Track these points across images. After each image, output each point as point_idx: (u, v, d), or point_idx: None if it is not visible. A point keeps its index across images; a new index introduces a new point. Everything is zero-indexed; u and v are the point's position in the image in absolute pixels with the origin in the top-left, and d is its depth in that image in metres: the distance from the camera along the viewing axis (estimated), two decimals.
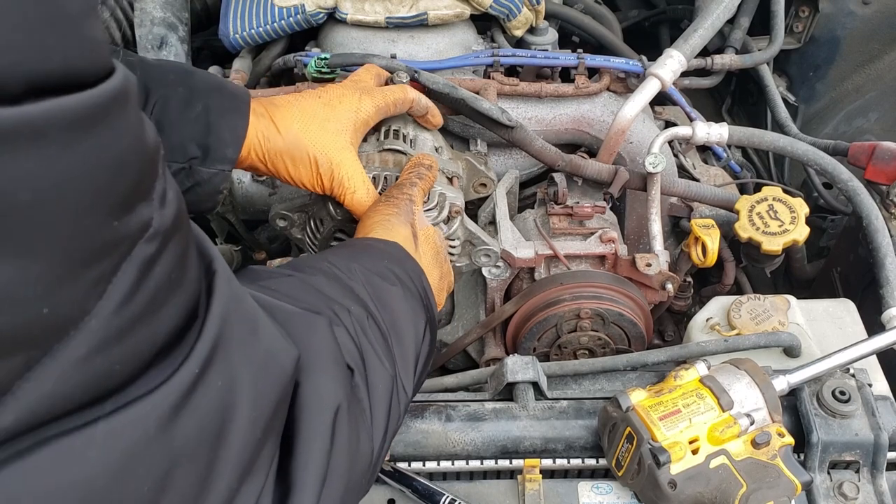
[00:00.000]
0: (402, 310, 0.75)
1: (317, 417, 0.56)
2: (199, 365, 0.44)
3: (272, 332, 0.54)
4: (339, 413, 0.58)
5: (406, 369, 0.72)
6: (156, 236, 0.41)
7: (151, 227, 0.41)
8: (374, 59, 1.14)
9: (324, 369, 0.59)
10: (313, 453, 0.55)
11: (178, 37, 1.21)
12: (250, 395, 0.49)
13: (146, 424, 0.41)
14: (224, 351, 0.47)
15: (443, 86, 1.10)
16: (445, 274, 0.96)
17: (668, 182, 1.17)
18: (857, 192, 1.11)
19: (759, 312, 0.99)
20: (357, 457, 0.61)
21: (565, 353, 1.11)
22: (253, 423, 0.49)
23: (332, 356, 0.62)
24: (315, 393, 0.57)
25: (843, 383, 0.84)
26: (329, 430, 0.57)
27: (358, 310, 0.69)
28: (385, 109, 1.03)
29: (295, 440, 0.55)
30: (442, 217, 1.01)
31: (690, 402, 0.79)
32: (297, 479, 0.53)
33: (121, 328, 0.39)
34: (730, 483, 0.76)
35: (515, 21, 1.29)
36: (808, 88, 1.64)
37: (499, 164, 1.27)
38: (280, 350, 0.54)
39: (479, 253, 1.05)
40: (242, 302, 0.52)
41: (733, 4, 1.27)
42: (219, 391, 0.46)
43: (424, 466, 0.86)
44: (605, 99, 1.27)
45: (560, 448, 0.86)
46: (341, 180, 0.97)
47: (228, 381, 0.47)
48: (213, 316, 0.47)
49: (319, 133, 0.97)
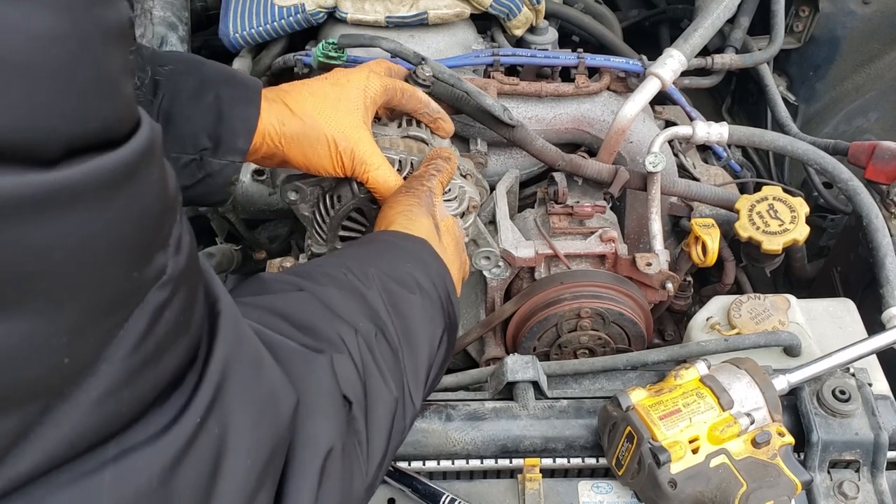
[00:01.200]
0: (418, 319, 0.73)
1: (307, 462, 0.55)
2: (201, 413, 0.44)
3: (275, 373, 0.53)
4: (330, 455, 0.57)
5: (416, 380, 0.70)
6: (169, 282, 0.41)
7: (165, 275, 0.41)
8: (383, 41, 1.13)
9: (320, 411, 0.58)
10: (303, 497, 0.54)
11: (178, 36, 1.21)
12: (247, 442, 0.48)
13: (150, 472, 0.41)
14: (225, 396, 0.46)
15: (448, 76, 1.09)
16: (463, 263, 0.95)
17: (668, 181, 1.17)
18: (857, 191, 1.11)
19: (759, 312, 0.99)
20: (350, 496, 0.60)
21: (565, 353, 1.11)
22: (248, 471, 0.48)
23: (329, 396, 0.60)
24: (309, 436, 0.56)
25: (844, 383, 0.84)
26: (317, 475, 0.55)
27: (367, 326, 0.68)
28: (392, 91, 1.01)
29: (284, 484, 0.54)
30: (460, 210, 1.00)
31: (690, 401, 0.79)
32: None
33: (131, 371, 0.40)
34: (730, 482, 0.76)
35: (515, 20, 1.29)
36: (808, 88, 1.64)
37: (499, 164, 1.27)
38: (281, 393, 0.53)
39: (480, 255, 1.05)
40: (246, 342, 0.51)
41: (733, 4, 1.27)
42: (216, 438, 0.45)
43: (424, 466, 0.86)
44: (605, 98, 1.27)
45: (560, 447, 0.86)
46: (363, 158, 0.95)
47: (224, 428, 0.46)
48: (215, 361, 0.46)
49: (333, 113, 0.95)
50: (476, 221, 1.03)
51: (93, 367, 0.38)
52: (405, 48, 1.11)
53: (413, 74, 1.07)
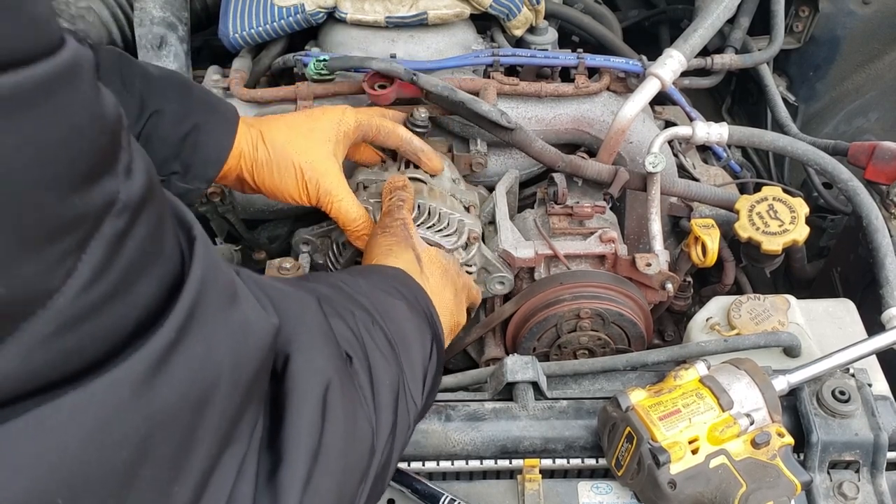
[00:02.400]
0: (408, 323, 0.76)
1: (306, 389, 0.56)
2: (175, 330, 0.44)
3: (250, 301, 0.54)
4: (330, 388, 0.58)
5: (414, 379, 0.72)
6: (125, 210, 0.40)
7: (119, 202, 0.40)
8: (374, 61, 1.14)
9: (314, 345, 0.59)
10: (303, 425, 0.55)
11: (177, 36, 1.21)
12: (230, 361, 0.49)
13: (119, 391, 0.40)
14: (201, 316, 0.46)
15: (441, 88, 1.10)
16: (461, 289, 0.98)
17: (667, 182, 1.17)
18: (857, 191, 1.11)
19: (759, 312, 0.99)
20: (355, 437, 0.61)
21: (565, 353, 1.11)
22: (232, 390, 0.49)
23: (322, 334, 0.62)
24: (305, 367, 0.57)
25: (843, 383, 0.84)
26: (319, 403, 0.57)
27: (363, 315, 0.70)
28: (367, 127, 1.06)
29: (285, 412, 0.55)
30: (461, 242, 1.04)
31: (690, 401, 0.79)
32: (287, 448, 0.53)
33: (92, 305, 0.39)
34: (729, 483, 0.76)
35: (515, 21, 1.29)
36: (808, 88, 1.64)
37: (499, 164, 1.27)
38: (258, 319, 0.54)
39: (494, 280, 1.08)
40: (219, 269, 0.51)
41: (733, 4, 1.27)
42: (198, 357, 0.45)
43: (424, 466, 0.86)
44: (605, 99, 1.27)
45: (560, 448, 0.86)
46: (328, 189, 1.00)
47: (206, 349, 0.46)
48: (190, 282, 0.46)
49: (304, 144, 0.99)
50: (481, 250, 1.07)
51: (45, 300, 0.37)
52: (396, 67, 1.12)
53: (409, 117, 1.12)
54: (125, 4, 1.28)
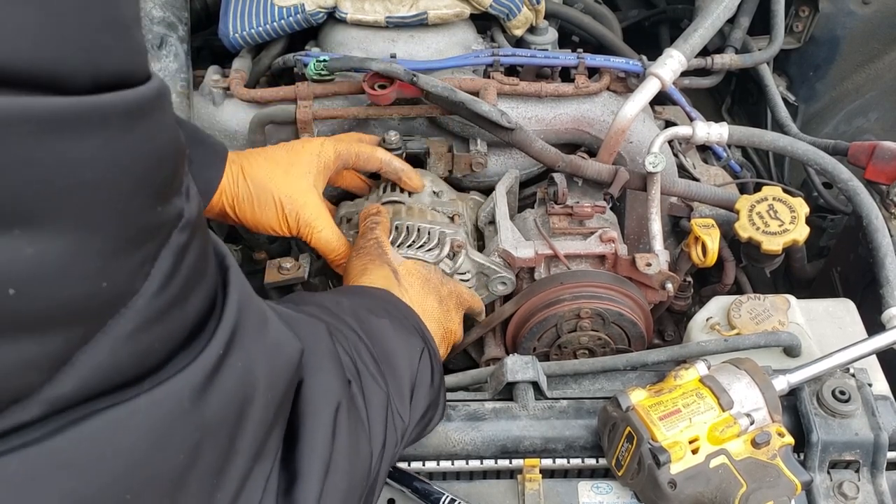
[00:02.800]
0: (392, 340, 0.77)
1: (320, 411, 0.59)
2: (222, 346, 0.48)
3: (279, 325, 0.58)
4: (339, 410, 0.61)
5: (400, 396, 0.74)
6: (187, 226, 0.45)
7: (184, 218, 0.45)
8: (373, 62, 1.14)
9: (326, 368, 0.63)
10: (317, 445, 0.58)
11: (177, 36, 1.21)
12: (265, 378, 0.52)
13: (181, 397, 0.44)
14: (242, 336, 0.50)
15: (441, 89, 1.10)
16: (447, 297, 1.00)
17: (668, 182, 1.17)
18: (857, 191, 1.11)
19: (759, 312, 0.99)
20: (358, 457, 0.63)
21: (565, 353, 1.11)
22: (266, 407, 0.52)
23: (333, 358, 0.65)
24: (319, 389, 0.60)
25: (843, 383, 0.84)
26: (331, 424, 0.60)
27: (351, 335, 0.73)
28: (346, 155, 1.09)
29: (300, 432, 0.58)
30: (445, 254, 1.05)
31: (690, 401, 0.79)
32: (302, 467, 0.56)
33: (160, 309, 0.43)
34: (730, 483, 0.76)
35: (515, 20, 1.29)
36: (808, 88, 1.64)
37: (499, 164, 1.27)
38: (287, 342, 0.58)
39: (496, 282, 1.09)
40: (252, 296, 0.55)
41: (733, 4, 1.27)
42: (240, 372, 0.49)
43: (424, 466, 0.85)
44: (605, 99, 1.27)
45: (560, 448, 0.85)
46: (307, 220, 1.03)
47: (247, 364, 0.50)
48: (230, 304, 0.50)
49: (284, 177, 1.03)
50: (470, 255, 1.07)
51: (128, 299, 0.40)
52: (395, 67, 1.12)
53: (382, 142, 1.16)
54: None
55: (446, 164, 1.24)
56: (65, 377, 0.38)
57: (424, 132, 1.27)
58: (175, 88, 1.18)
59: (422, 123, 1.26)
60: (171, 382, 0.44)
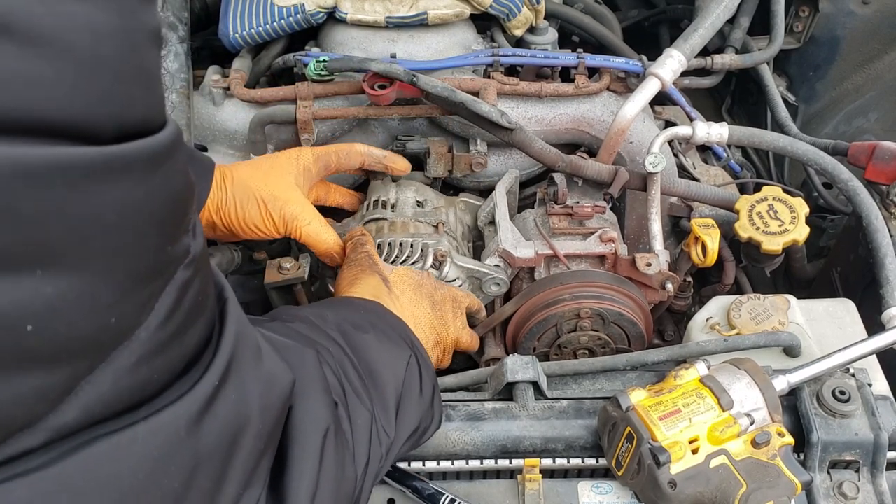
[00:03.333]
0: (376, 354, 0.78)
1: (308, 438, 0.61)
2: (218, 377, 0.49)
3: (272, 356, 0.59)
4: (327, 436, 0.62)
5: (385, 411, 0.75)
6: (192, 263, 0.47)
7: (190, 255, 0.47)
8: (373, 62, 1.14)
9: (314, 395, 0.64)
10: (305, 470, 0.59)
11: (177, 36, 1.21)
12: (259, 408, 0.54)
13: (178, 426, 0.46)
14: (237, 367, 0.52)
15: (441, 89, 1.10)
16: (441, 301, 1.01)
17: (668, 182, 1.17)
18: (857, 191, 1.11)
19: (759, 312, 0.99)
20: (343, 481, 0.65)
21: (565, 353, 1.11)
22: (259, 435, 0.54)
23: (320, 384, 0.66)
24: (307, 415, 0.62)
25: (843, 383, 0.84)
26: (318, 450, 0.61)
27: (336, 350, 0.74)
28: (326, 156, 1.11)
29: (287, 458, 0.59)
30: (429, 265, 1.06)
31: (690, 401, 0.79)
32: (290, 493, 0.58)
33: (162, 342, 0.44)
34: (730, 483, 0.76)
35: (515, 21, 1.29)
36: (808, 88, 1.64)
37: (499, 164, 1.27)
38: (280, 373, 0.59)
39: (489, 284, 1.09)
40: (248, 327, 0.57)
41: (733, 4, 1.27)
42: (234, 403, 0.51)
43: (424, 466, 0.86)
44: (605, 99, 1.27)
45: (560, 448, 0.85)
46: (293, 214, 1.04)
47: (241, 395, 0.52)
48: (227, 335, 0.52)
49: (264, 178, 1.05)
50: (457, 262, 1.08)
51: (132, 332, 0.42)
52: (395, 68, 1.12)
53: None
54: None
55: (446, 164, 1.24)
56: (69, 406, 0.40)
57: (424, 132, 1.27)
58: (175, 88, 1.18)
59: (422, 123, 1.27)
60: (168, 411, 0.45)
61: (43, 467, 0.39)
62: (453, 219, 1.18)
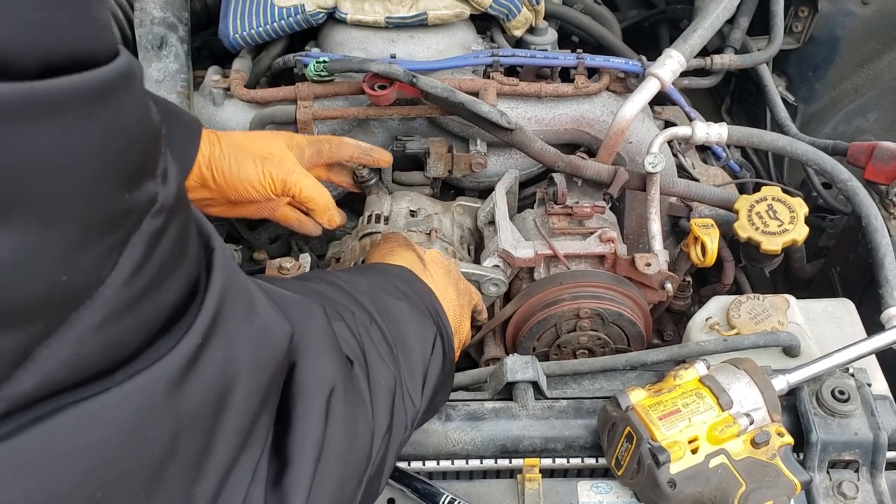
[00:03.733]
0: (408, 323, 0.77)
1: (312, 395, 0.58)
2: (201, 335, 0.46)
3: (267, 308, 0.56)
4: (333, 393, 0.59)
5: (413, 380, 0.73)
6: (161, 211, 0.43)
7: (157, 203, 0.43)
8: (373, 63, 1.14)
9: (319, 351, 0.61)
10: (309, 429, 0.56)
11: (177, 37, 1.21)
12: (249, 367, 0.51)
13: (154, 390, 0.43)
14: (224, 323, 0.49)
15: (441, 90, 1.10)
16: (464, 292, 1.00)
17: (667, 182, 1.17)
18: (857, 191, 1.11)
19: (759, 312, 0.99)
20: (355, 441, 0.62)
21: (565, 353, 1.11)
22: (250, 395, 0.51)
23: (327, 340, 0.63)
24: (311, 372, 0.59)
25: (843, 383, 0.84)
26: (324, 408, 0.58)
27: (362, 314, 0.71)
28: (318, 142, 1.12)
29: (291, 417, 0.56)
30: None
31: (690, 401, 0.79)
32: (293, 453, 0.55)
33: (130, 298, 0.41)
34: (729, 482, 0.76)
35: (515, 21, 1.29)
36: (807, 88, 1.64)
37: (498, 164, 1.27)
38: (275, 326, 0.56)
39: (487, 285, 1.09)
40: (238, 278, 0.54)
41: (733, 4, 1.27)
42: (220, 362, 0.48)
43: (424, 466, 0.86)
44: (604, 99, 1.27)
45: (559, 447, 0.86)
46: (289, 170, 1.04)
47: (228, 353, 0.49)
48: (213, 290, 0.48)
49: (259, 140, 1.06)
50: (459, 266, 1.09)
51: (93, 290, 0.39)
52: (395, 69, 1.12)
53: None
54: (125, 4, 1.28)
55: (446, 164, 1.24)
56: (26, 373, 0.37)
57: (424, 132, 1.27)
58: (175, 88, 1.18)
59: (422, 123, 1.27)
60: (144, 374, 0.42)
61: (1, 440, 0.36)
62: (449, 224, 1.18)
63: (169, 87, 1.17)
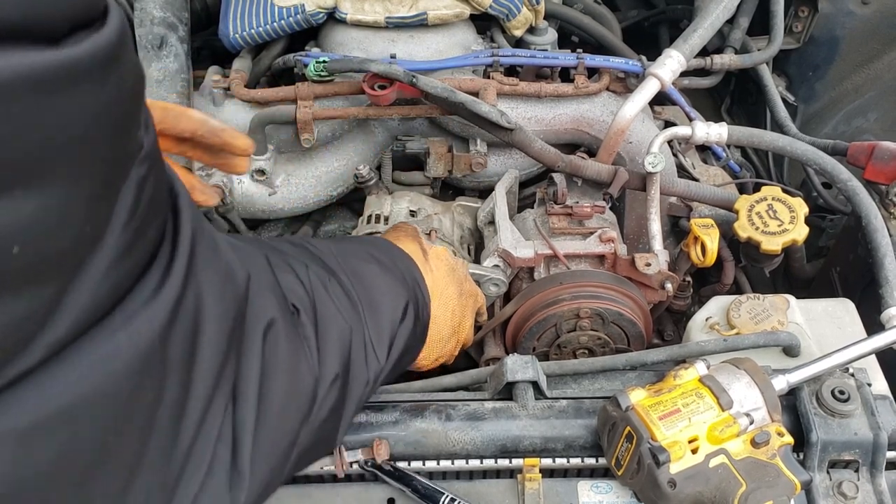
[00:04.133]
0: (377, 285, 0.79)
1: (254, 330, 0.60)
2: (182, 278, 0.49)
3: (227, 251, 0.58)
4: (271, 328, 0.61)
5: (379, 336, 0.75)
6: (146, 158, 0.45)
7: (143, 150, 0.44)
8: (373, 63, 1.14)
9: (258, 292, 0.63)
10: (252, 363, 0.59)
11: (177, 37, 1.21)
12: (217, 307, 0.53)
13: (152, 332, 0.46)
14: (194, 266, 0.51)
15: (441, 90, 1.10)
16: (468, 293, 1.00)
17: (667, 182, 1.17)
18: (857, 191, 1.11)
19: (759, 312, 0.99)
20: (296, 381, 0.64)
21: (565, 353, 1.11)
22: (220, 333, 0.53)
23: (267, 283, 0.65)
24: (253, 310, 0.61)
25: (843, 383, 0.84)
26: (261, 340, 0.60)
27: (319, 270, 0.73)
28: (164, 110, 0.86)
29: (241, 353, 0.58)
30: None
31: (690, 401, 0.79)
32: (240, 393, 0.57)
33: (127, 243, 0.43)
34: (729, 482, 0.76)
35: (515, 21, 1.29)
36: (807, 88, 1.65)
37: (499, 164, 1.27)
38: (236, 268, 0.58)
39: (487, 285, 1.09)
40: (203, 222, 0.56)
41: (733, 4, 1.27)
42: (193, 302, 0.50)
43: (424, 466, 0.86)
44: (604, 99, 1.27)
45: (559, 447, 0.86)
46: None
47: (198, 293, 0.51)
48: (184, 235, 0.51)
49: None
50: None
51: (102, 237, 0.41)
52: (395, 69, 1.12)
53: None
54: (125, 4, 1.28)
55: (446, 164, 1.24)
56: (60, 320, 0.39)
57: (424, 132, 1.27)
58: (175, 88, 1.18)
59: (422, 123, 1.27)
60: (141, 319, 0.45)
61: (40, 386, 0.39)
62: (449, 224, 1.18)
63: (169, 87, 1.17)
